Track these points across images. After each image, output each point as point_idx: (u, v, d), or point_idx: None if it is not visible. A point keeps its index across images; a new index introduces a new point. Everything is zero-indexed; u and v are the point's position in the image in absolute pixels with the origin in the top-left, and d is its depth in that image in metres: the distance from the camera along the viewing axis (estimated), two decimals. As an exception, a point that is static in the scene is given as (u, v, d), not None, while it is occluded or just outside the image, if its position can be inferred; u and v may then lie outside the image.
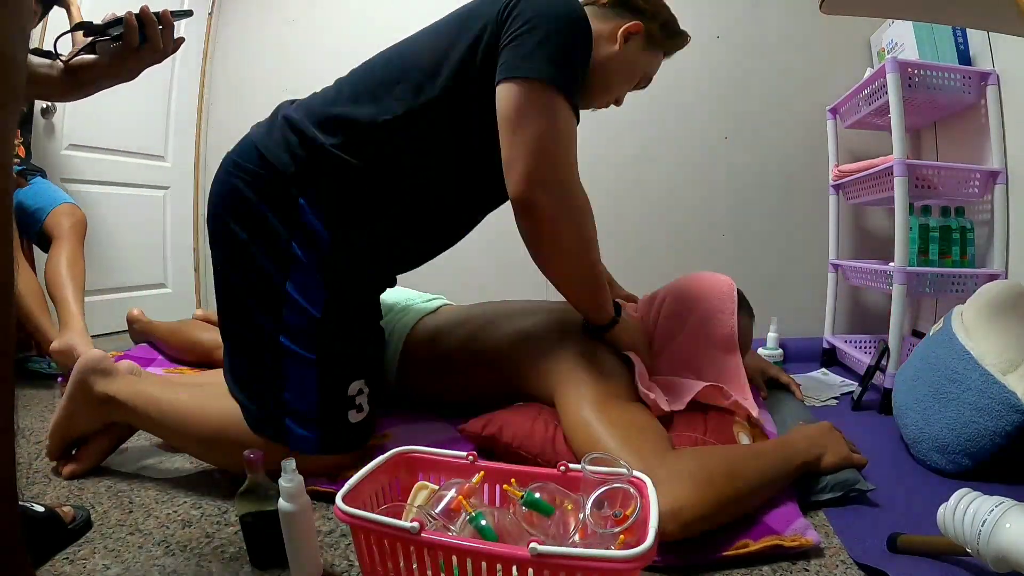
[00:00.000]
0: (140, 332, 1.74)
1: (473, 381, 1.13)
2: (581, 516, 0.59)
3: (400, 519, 0.57)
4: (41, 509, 0.75)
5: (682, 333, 1.04)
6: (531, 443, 0.90)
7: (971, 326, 1.02)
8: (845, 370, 1.81)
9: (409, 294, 1.39)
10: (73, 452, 0.98)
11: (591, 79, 0.95)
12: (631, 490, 0.59)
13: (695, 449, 0.84)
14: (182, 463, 1.02)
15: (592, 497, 0.58)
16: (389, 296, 1.34)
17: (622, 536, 0.56)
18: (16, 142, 1.67)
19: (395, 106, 0.87)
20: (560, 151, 0.83)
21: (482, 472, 0.67)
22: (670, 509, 0.68)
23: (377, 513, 0.58)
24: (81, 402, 0.95)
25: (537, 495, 0.59)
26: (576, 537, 0.58)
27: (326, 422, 0.87)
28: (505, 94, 0.82)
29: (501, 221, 1.05)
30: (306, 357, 0.85)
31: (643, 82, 1.10)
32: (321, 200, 0.85)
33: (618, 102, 1.11)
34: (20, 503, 0.73)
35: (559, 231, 0.86)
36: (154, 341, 1.72)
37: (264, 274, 0.85)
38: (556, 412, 0.93)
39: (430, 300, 1.35)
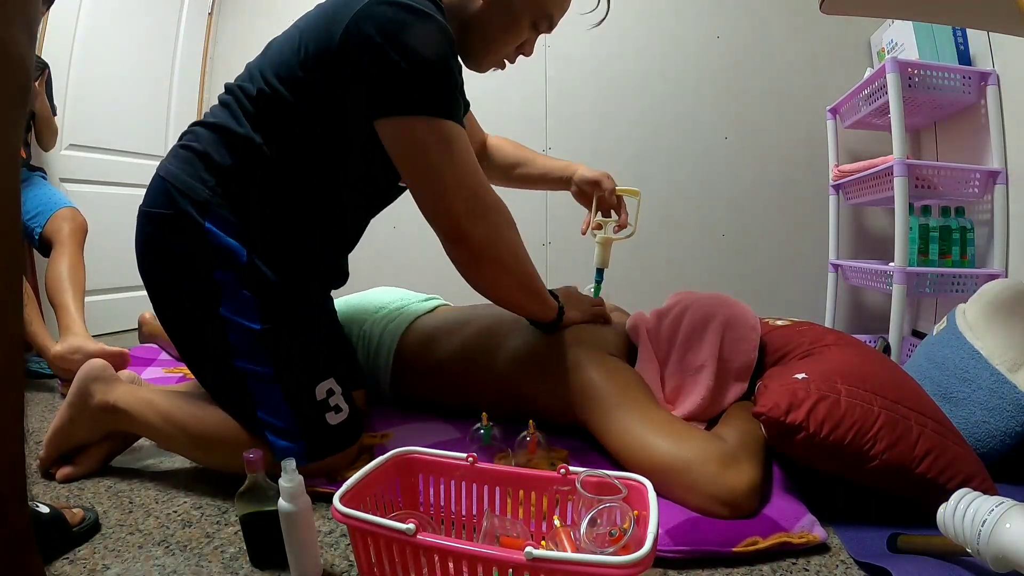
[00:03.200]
0: (148, 334, 1.76)
1: (473, 395, 1.12)
2: (575, 536, 0.59)
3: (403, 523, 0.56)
4: (46, 510, 0.74)
5: (701, 348, 1.04)
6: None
7: (975, 325, 1.02)
8: (845, 370, 1.80)
9: (404, 293, 1.37)
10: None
11: (467, 43, 0.94)
12: (627, 506, 0.59)
13: (726, 429, 0.89)
14: (182, 463, 1.02)
15: (587, 516, 0.58)
16: (382, 295, 1.33)
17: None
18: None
19: (257, 126, 0.87)
20: (469, 176, 0.84)
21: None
22: (748, 486, 0.76)
23: (380, 516, 0.58)
24: (81, 409, 0.95)
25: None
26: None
27: (305, 431, 0.86)
28: (386, 133, 0.82)
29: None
30: (263, 372, 0.85)
31: (543, 25, 0.97)
32: (228, 217, 0.85)
33: (526, 52, 1.01)
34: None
35: (494, 252, 0.88)
36: (160, 342, 1.74)
37: (198, 308, 0.86)
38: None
39: (426, 300, 1.34)
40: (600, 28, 2.37)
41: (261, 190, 0.87)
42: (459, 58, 0.96)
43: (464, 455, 0.70)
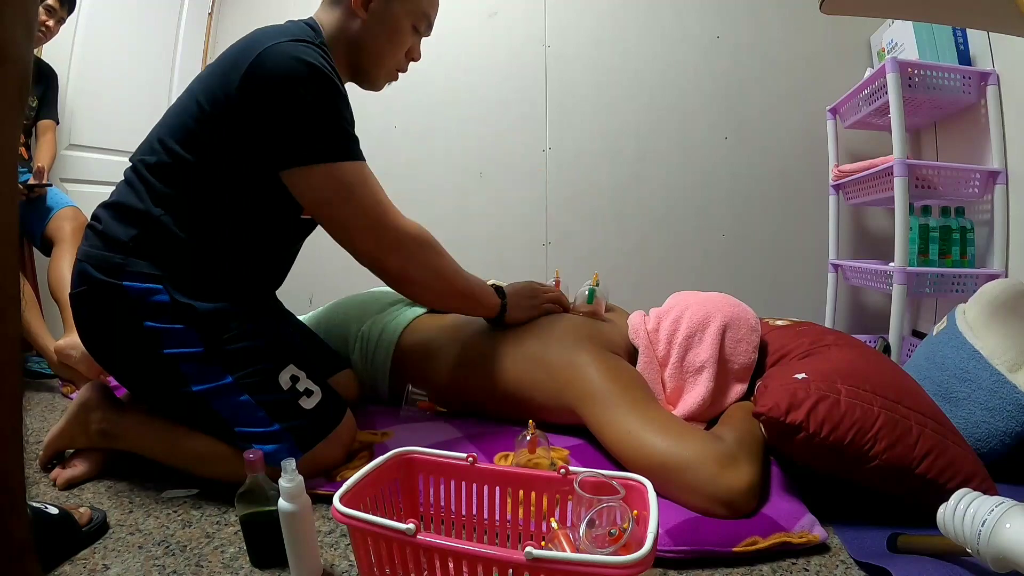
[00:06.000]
0: None
1: (473, 395, 1.12)
2: (574, 537, 0.58)
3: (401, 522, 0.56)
4: (55, 511, 0.74)
5: (701, 349, 1.03)
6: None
7: (975, 325, 1.02)
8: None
9: None
10: (71, 460, 0.98)
11: (359, 63, 0.99)
12: (626, 506, 0.59)
13: (725, 429, 0.88)
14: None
15: (586, 517, 0.58)
16: (382, 296, 1.33)
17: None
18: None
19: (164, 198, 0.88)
20: (373, 215, 0.90)
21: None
22: (746, 486, 0.76)
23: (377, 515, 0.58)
24: (80, 432, 0.97)
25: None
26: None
27: (286, 427, 0.86)
28: (293, 183, 0.87)
29: (498, 219, 1.05)
30: (224, 385, 0.86)
31: (423, 26, 1.01)
32: (143, 271, 0.86)
33: (414, 57, 1.04)
34: (34, 504, 0.73)
35: (411, 276, 0.97)
36: None
37: (144, 358, 0.87)
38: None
39: None
40: (600, 28, 2.39)
41: (169, 251, 0.87)
42: (355, 83, 1.03)
43: (464, 455, 0.70)
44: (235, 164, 0.87)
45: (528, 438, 0.87)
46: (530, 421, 0.88)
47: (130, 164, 0.93)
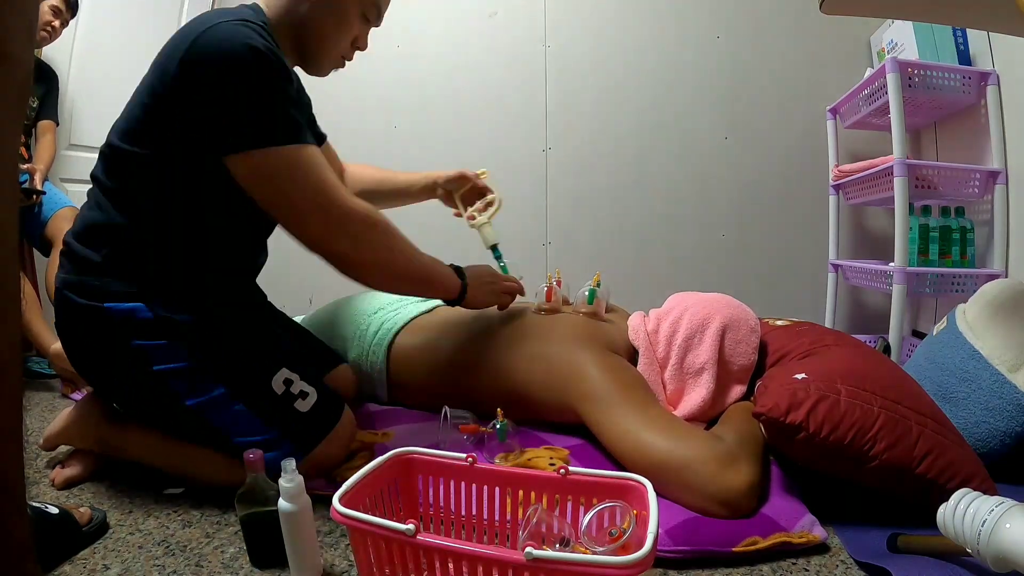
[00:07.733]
0: None
1: (471, 395, 1.11)
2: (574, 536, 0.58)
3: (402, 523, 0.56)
4: (55, 511, 0.75)
5: (700, 351, 1.03)
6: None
7: (975, 325, 1.02)
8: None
9: None
10: (68, 459, 0.98)
11: (303, 47, 0.96)
12: (627, 506, 0.59)
13: (725, 429, 0.88)
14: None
15: (588, 517, 0.58)
16: (380, 295, 1.33)
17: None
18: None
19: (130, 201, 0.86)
20: (319, 195, 0.84)
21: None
22: (746, 486, 0.76)
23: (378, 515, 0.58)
24: (79, 439, 0.98)
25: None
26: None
27: (284, 432, 0.86)
28: (237, 169, 0.83)
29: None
30: (218, 396, 0.85)
31: (372, 15, 0.98)
32: (121, 290, 0.85)
33: (360, 46, 1.01)
34: (34, 504, 0.73)
35: (364, 260, 0.91)
36: None
37: (135, 377, 0.86)
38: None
39: (424, 300, 1.32)
40: (600, 28, 2.38)
41: (142, 260, 0.86)
42: (300, 67, 0.99)
43: (464, 455, 0.70)
44: (183, 154, 0.84)
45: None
46: (499, 409, 0.89)
47: (91, 178, 0.92)
